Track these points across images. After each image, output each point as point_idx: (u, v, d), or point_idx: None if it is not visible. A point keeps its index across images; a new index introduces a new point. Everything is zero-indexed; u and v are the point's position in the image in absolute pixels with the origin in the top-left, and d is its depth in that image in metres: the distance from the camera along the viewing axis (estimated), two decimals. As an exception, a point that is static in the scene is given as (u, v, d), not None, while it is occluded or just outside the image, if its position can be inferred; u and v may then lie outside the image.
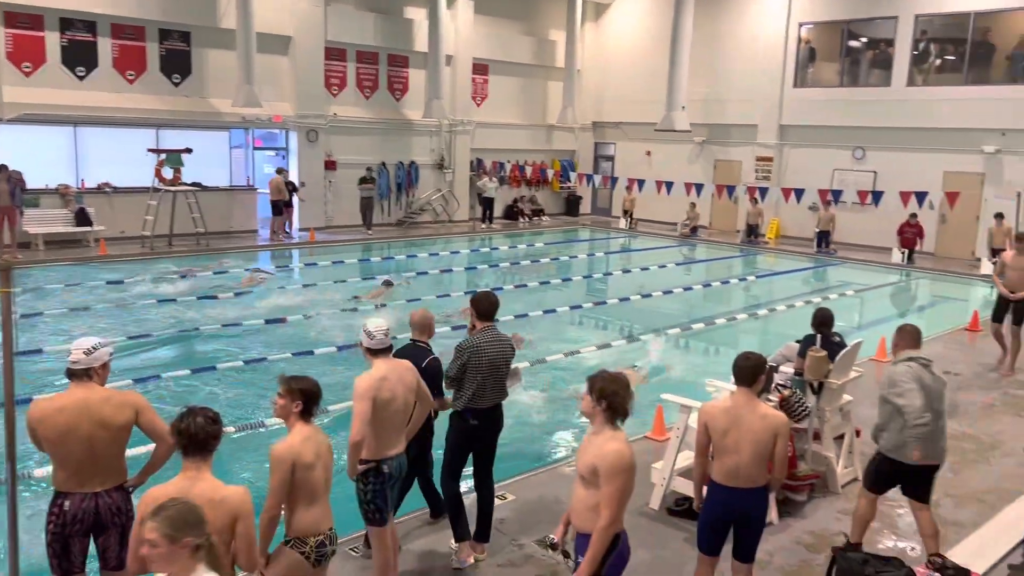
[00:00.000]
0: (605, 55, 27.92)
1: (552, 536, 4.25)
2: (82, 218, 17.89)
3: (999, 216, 18.14)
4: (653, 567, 5.74)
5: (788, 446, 5.07)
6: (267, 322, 12.39)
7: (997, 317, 11.04)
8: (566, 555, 4.24)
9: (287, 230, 20.54)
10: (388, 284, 14.97)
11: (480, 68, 25.49)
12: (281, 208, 19.96)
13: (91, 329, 11.34)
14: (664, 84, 23.86)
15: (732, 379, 4.88)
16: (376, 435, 4.76)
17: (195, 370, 9.89)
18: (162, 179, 18.06)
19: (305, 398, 4.13)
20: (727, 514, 4.75)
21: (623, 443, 3.96)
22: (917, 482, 5.56)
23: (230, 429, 7.88)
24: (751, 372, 4.71)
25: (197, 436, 3.58)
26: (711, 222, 25.20)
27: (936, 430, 5.44)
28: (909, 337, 5.62)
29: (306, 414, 4.14)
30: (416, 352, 5.65)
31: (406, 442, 5.03)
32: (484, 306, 5.60)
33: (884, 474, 5.63)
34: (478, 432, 5.57)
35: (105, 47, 18.49)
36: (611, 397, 3.98)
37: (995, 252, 18.34)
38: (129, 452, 4.47)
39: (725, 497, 4.71)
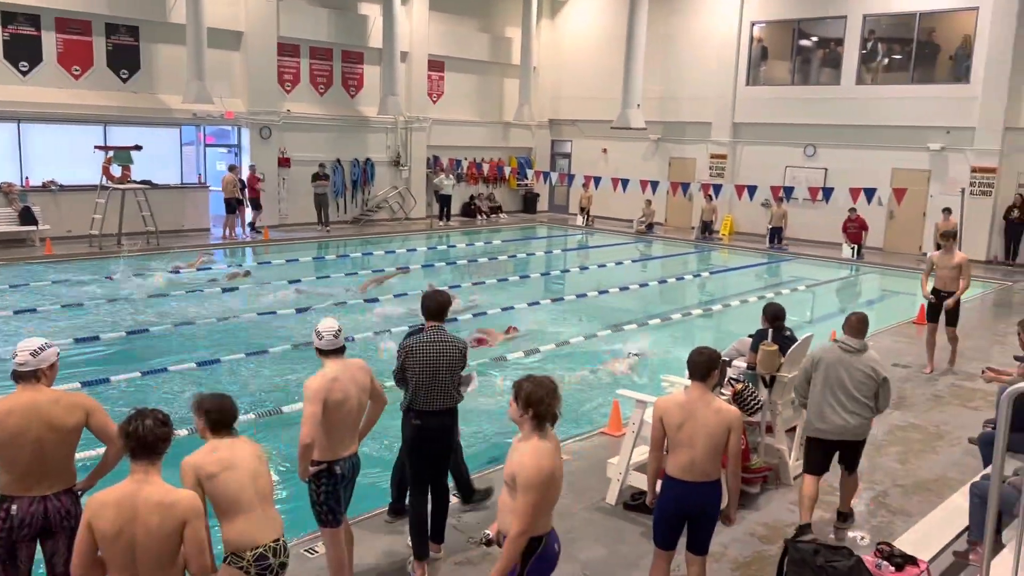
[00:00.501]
0: (561, 53, 28.01)
1: (488, 532, 4.23)
2: (27, 217, 17.41)
3: (947, 211, 18.62)
4: (610, 562, 5.77)
5: (741, 440, 5.15)
6: (219, 320, 12.20)
7: (932, 317, 10.88)
8: None
9: (254, 227, 20.61)
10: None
11: (436, 65, 25.38)
12: (235, 206, 19.66)
13: (37, 331, 11.05)
14: (619, 82, 24.01)
15: (687, 374, 4.94)
16: (328, 436, 4.71)
17: (146, 372, 9.69)
18: (110, 177, 17.66)
19: (206, 414, 4.02)
20: (682, 508, 4.80)
21: (544, 457, 3.87)
22: (842, 453, 6.16)
23: (182, 432, 7.73)
24: (705, 366, 4.77)
25: (146, 439, 3.50)
26: (667, 219, 25.45)
27: (829, 403, 5.99)
28: (847, 325, 6.17)
29: (216, 430, 4.01)
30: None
31: (359, 442, 4.98)
32: (430, 305, 5.43)
33: (808, 452, 6.23)
34: (423, 434, 5.40)
35: (50, 41, 18.01)
36: (537, 404, 3.91)
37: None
38: (77, 455, 4.37)
39: (680, 491, 4.75)
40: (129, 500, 3.41)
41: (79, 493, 4.31)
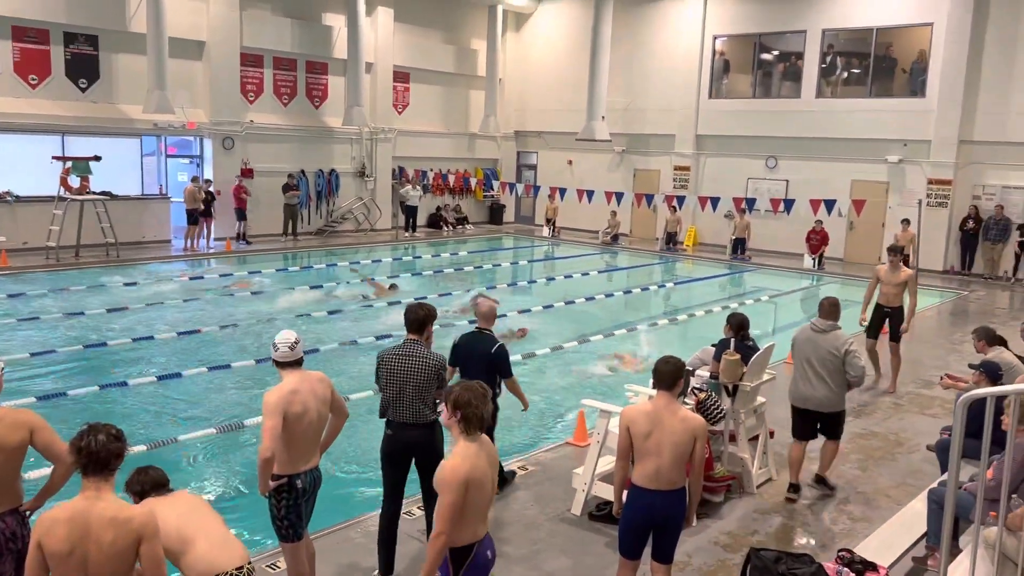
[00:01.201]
0: (526, 65, 28.14)
1: None
2: (-19, 229, 17.02)
3: (905, 221, 18.96)
4: (575, 573, 5.76)
5: (706, 448, 5.18)
6: (180, 334, 12.01)
7: (872, 332, 10.51)
8: None
9: (245, 238, 20.75)
10: (393, 287, 16.29)
11: (401, 76, 25.35)
12: (197, 217, 19.40)
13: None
14: (584, 94, 24.24)
15: (652, 383, 4.96)
16: (288, 450, 4.65)
17: (104, 386, 9.51)
18: (68, 188, 17.34)
19: (140, 494, 4.00)
20: (648, 517, 4.81)
21: (464, 458, 3.91)
22: (822, 426, 7.04)
23: (141, 447, 7.60)
24: (671, 376, 4.82)
25: (99, 454, 3.40)
26: (632, 230, 25.62)
27: (802, 377, 6.96)
28: (820, 308, 7.16)
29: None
30: (482, 339, 6.41)
31: (320, 456, 4.92)
32: (410, 317, 5.48)
33: (793, 421, 7.15)
34: (393, 445, 5.40)
35: (5, 50, 17.68)
36: (464, 407, 3.96)
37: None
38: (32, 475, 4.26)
39: (646, 500, 4.77)
40: (82, 517, 3.32)
41: (26, 514, 4.18)
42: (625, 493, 4.93)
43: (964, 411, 4.06)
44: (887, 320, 10.41)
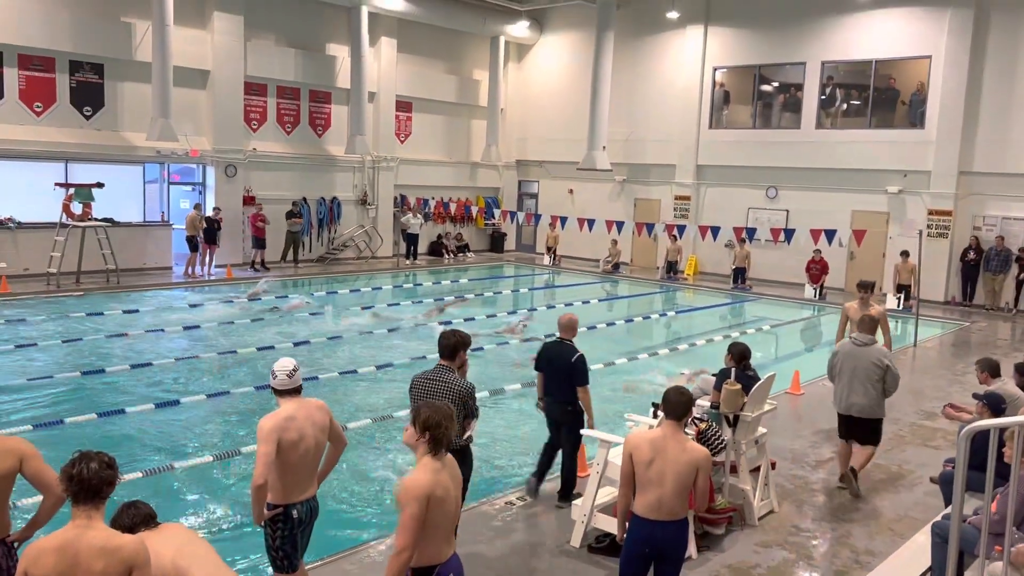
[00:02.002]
0: (528, 95, 28.36)
1: None
2: (-18, 254, 17.05)
3: (904, 254, 18.98)
4: (573, 606, 5.67)
5: (709, 479, 5.12)
6: (177, 360, 11.97)
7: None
8: None
9: (264, 265, 21.05)
10: (440, 310, 17.25)
11: (403, 105, 25.54)
12: (197, 244, 19.43)
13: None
14: (585, 124, 24.41)
15: (657, 411, 4.96)
16: (283, 478, 4.58)
17: (102, 414, 9.45)
18: (70, 214, 17.40)
19: (131, 529, 3.73)
20: (649, 548, 4.74)
21: (424, 472, 3.90)
22: (859, 432, 7.74)
23: (137, 474, 7.54)
24: (684, 407, 4.85)
25: (90, 482, 3.36)
26: (632, 259, 25.64)
27: (847, 388, 7.65)
28: (860, 324, 7.99)
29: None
30: (563, 349, 6.97)
31: (317, 485, 4.85)
32: (441, 344, 5.60)
33: (840, 423, 7.88)
34: None
35: (11, 78, 17.83)
36: (434, 429, 3.95)
37: (900, 288, 19.19)
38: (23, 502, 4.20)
39: (647, 531, 4.72)
40: (71, 546, 3.27)
41: (14, 544, 4.11)
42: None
43: (967, 443, 4.02)
44: None
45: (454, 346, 5.55)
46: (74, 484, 3.35)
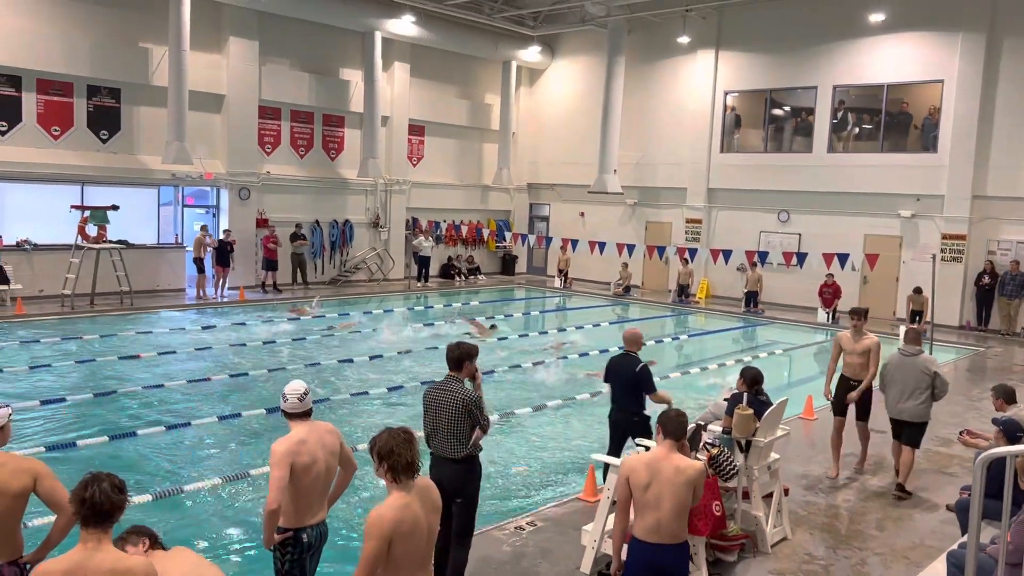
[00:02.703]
0: (539, 119, 28.53)
1: None
2: (-2, 276, 17.20)
3: (917, 290, 18.88)
4: (584, 634, 5.61)
5: (718, 504, 5.10)
6: (189, 382, 12.00)
7: (839, 409, 8.99)
8: None
9: (276, 287, 21.21)
10: (494, 327, 17.77)
11: (416, 129, 25.73)
12: (203, 265, 19.53)
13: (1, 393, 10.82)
14: (596, 148, 24.54)
15: (658, 431, 4.93)
16: (295, 502, 4.57)
17: (114, 436, 9.46)
18: (86, 236, 17.55)
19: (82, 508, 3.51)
20: (650, 572, 4.70)
21: (388, 508, 3.81)
22: (906, 435, 8.45)
23: (147, 497, 7.54)
24: (682, 427, 4.87)
25: (101, 505, 3.36)
26: (643, 282, 25.61)
27: (899, 395, 8.35)
28: (906, 336, 8.65)
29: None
30: (627, 360, 7.58)
31: (327, 509, 4.83)
32: (449, 355, 5.77)
33: (892, 427, 8.59)
34: (431, 475, 5.49)
35: (30, 102, 18.08)
36: (388, 457, 3.87)
37: (914, 314, 19.06)
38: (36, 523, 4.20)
39: (648, 555, 4.69)
40: (80, 568, 3.27)
41: (26, 566, 4.11)
42: (626, 548, 4.83)
43: (982, 471, 3.97)
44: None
45: (458, 358, 5.72)
46: (85, 507, 3.35)
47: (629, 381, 7.54)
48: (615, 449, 7.59)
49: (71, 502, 3.43)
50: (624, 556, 4.93)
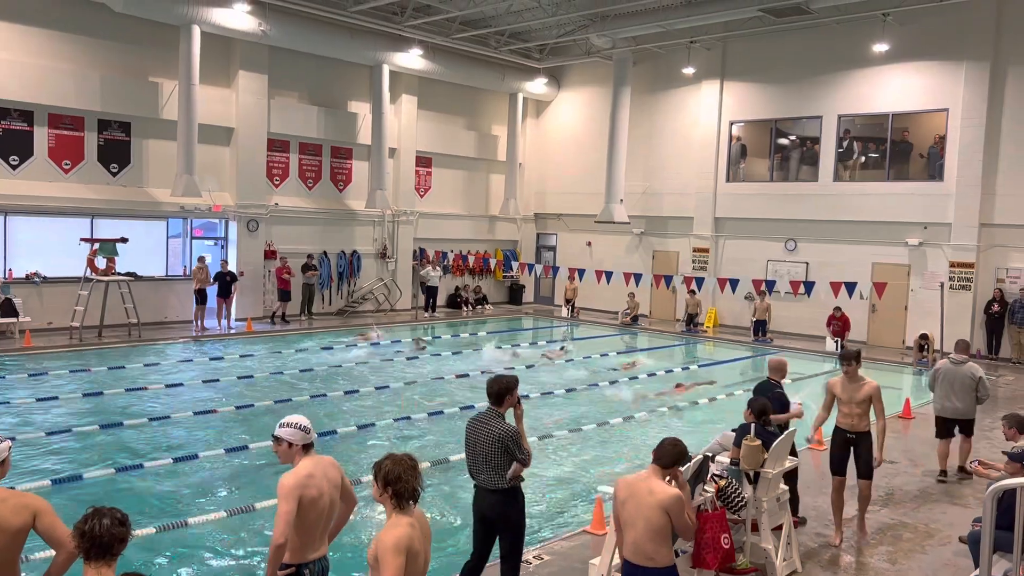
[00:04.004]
0: (546, 150, 28.71)
1: None
2: (7, 309, 17.28)
3: (923, 336, 18.79)
4: (592, 670, 5.51)
5: (694, 523, 5.12)
6: (195, 414, 11.98)
7: (837, 468, 7.88)
8: None
9: (284, 318, 21.43)
10: (563, 349, 19.48)
11: (423, 160, 25.91)
12: (205, 296, 19.59)
13: (7, 424, 10.83)
14: (603, 178, 24.69)
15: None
16: (300, 536, 4.52)
17: (120, 469, 9.44)
18: (95, 269, 17.66)
19: (83, 541, 3.46)
20: None
21: (399, 527, 3.84)
22: (960, 428, 10.21)
23: (151, 530, 7.50)
24: (671, 456, 4.97)
25: (102, 539, 3.34)
26: (651, 311, 25.57)
27: (946, 397, 10.12)
28: (956, 347, 10.33)
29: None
30: (767, 386, 8.15)
31: (328, 544, 4.78)
32: (489, 390, 5.83)
33: (937, 425, 10.32)
34: (474, 505, 5.87)
35: (41, 136, 18.29)
36: (395, 482, 3.90)
37: (922, 347, 18.92)
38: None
39: (629, 574, 4.79)
40: (81, 605, 3.24)
41: None
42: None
43: (993, 502, 3.92)
44: (852, 449, 7.82)
45: (499, 392, 5.79)
46: (86, 540, 3.34)
47: (776, 404, 7.67)
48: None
49: (73, 535, 3.42)
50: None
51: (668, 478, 5.02)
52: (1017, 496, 3.93)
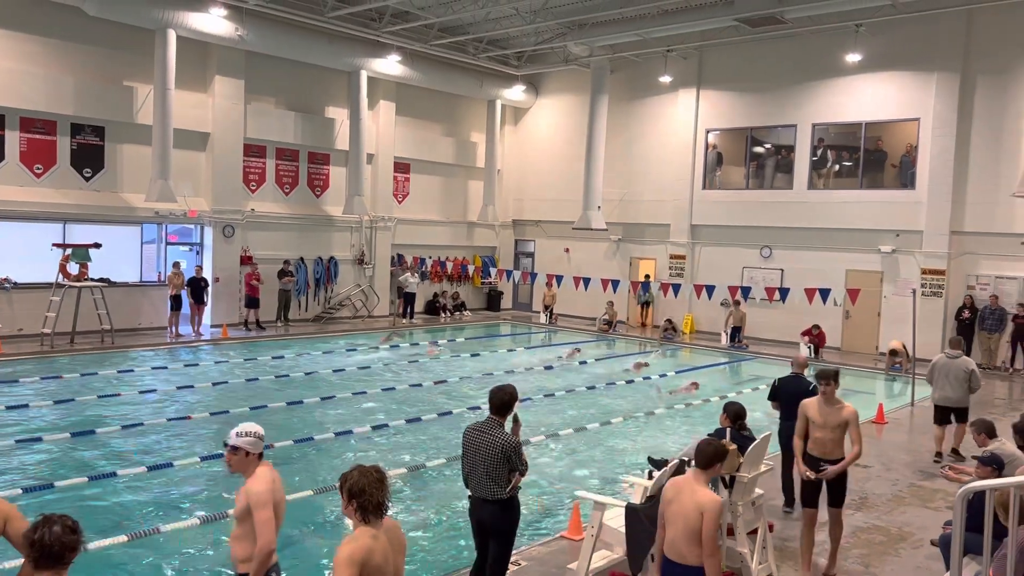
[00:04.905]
0: (524, 156, 28.79)
1: None
2: (-23, 315, 17.01)
3: (893, 352, 19.01)
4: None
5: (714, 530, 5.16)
6: (169, 420, 11.86)
7: (808, 499, 7.15)
8: None
9: (259, 324, 21.19)
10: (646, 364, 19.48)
11: (401, 166, 25.87)
12: (180, 302, 19.42)
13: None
14: (581, 185, 24.78)
15: (652, 469, 5.11)
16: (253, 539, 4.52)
17: (93, 477, 9.32)
18: (67, 274, 17.44)
19: (32, 550, 3.35)
20: None
21: (358, 540, 3.80)
22: (955, 415, 11.42)
23: (123, 537, 7.41)
24: (706, 457, 5.15)
25: (52, 548, 3.26)
26: (628, 317, 25.67)
27: (943, 387, 11.30)
28: (949, 343, 11.81)
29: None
30: (800, 382, 8.77)
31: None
32: (492, 399, 5.81)
33: (935, 412, 11.51)
34: (470, 514, 5.96)
35: (12, 141, 18.04)
36: (359, 496, 3.87)
37: (894, 352, 19.16)
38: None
39: (666, 569, 5.07)
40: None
41: None
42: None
43: (963, 505, 3.98)
44: (825, 480, 7.05)
45: (503, 403, 5.76)
46: (35, 549, 3.27)
47: (802, 399, 7.59)
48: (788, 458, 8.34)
49: (23, 544, 3.35)
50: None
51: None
52: (987, 498, 3.99)
